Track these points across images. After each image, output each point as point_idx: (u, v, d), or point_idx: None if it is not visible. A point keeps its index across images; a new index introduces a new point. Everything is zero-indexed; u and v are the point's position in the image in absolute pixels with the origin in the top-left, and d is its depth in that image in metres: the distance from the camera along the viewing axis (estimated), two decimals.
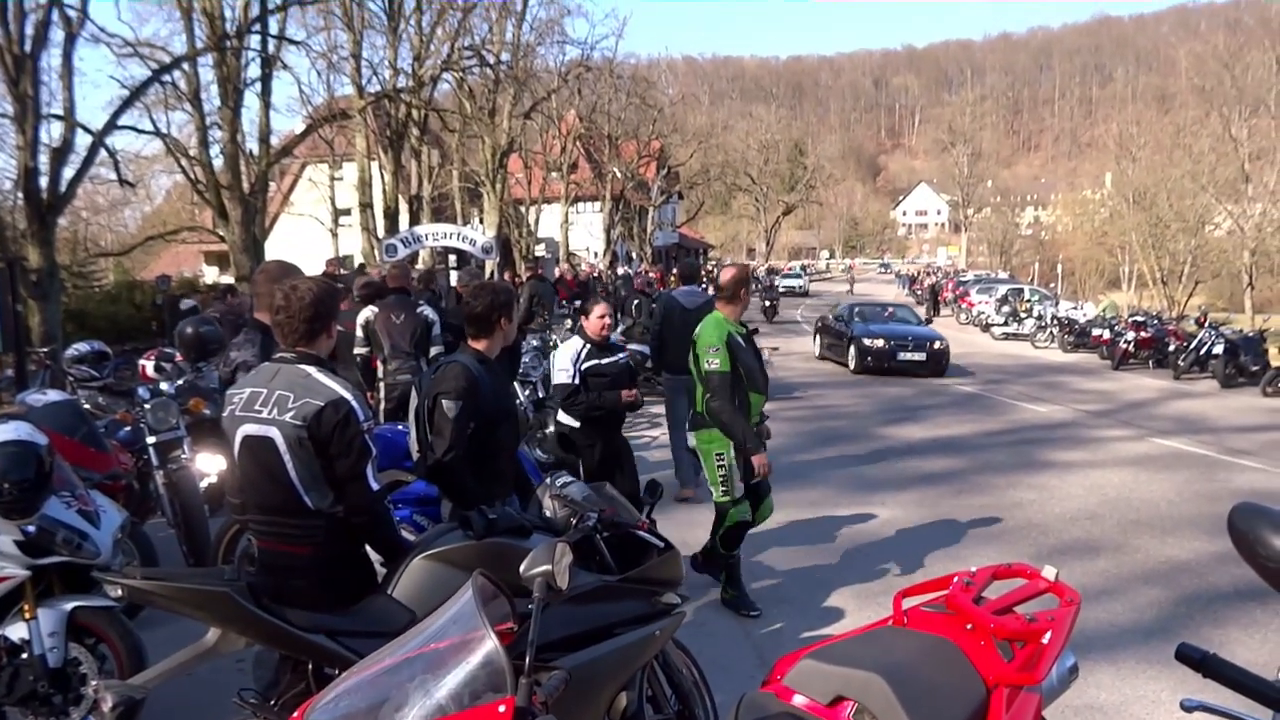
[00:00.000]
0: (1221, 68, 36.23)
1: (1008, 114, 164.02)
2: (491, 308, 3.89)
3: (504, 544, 3.10)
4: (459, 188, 30.13)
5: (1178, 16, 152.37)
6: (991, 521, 7.37)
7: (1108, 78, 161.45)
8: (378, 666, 1.68)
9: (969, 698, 2.26)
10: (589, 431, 5.88)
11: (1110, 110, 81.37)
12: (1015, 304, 28.91)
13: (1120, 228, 42.48)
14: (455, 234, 21.68)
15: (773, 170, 71.61)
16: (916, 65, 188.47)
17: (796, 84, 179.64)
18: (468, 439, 3.69)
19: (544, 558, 1.99)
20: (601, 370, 5.82)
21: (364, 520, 3.10)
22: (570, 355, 5.82)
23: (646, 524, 3.51)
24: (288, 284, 3.17)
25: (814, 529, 7.06)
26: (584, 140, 37.42)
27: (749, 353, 5.27)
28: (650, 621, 3.05)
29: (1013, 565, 2.81)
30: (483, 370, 3.80)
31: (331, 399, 2.96)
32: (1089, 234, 49.36)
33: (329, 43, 23.41)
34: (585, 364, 5.78)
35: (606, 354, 5.90)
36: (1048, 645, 2.39)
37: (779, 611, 5.30)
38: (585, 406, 5.76)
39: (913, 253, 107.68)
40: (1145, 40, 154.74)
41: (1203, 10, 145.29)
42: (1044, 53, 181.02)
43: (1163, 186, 37.76)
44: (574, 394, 5.76)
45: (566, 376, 5.76)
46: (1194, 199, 35.64)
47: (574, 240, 39.44)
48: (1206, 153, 35.63)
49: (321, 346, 3.14)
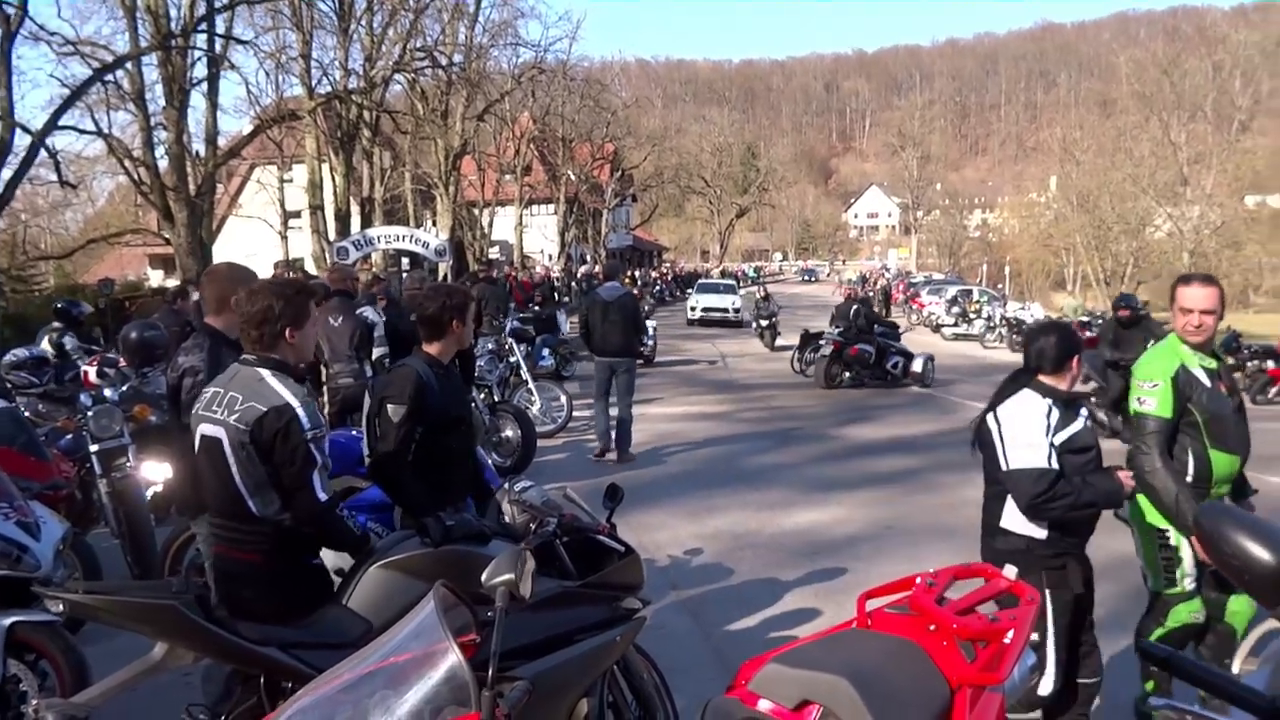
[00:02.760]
0: (1160, 74, 37.20)
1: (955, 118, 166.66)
2: (443, 310, 3.82)
3: (462, 551, 3.04)
4: (411, 190, 29.85)
5: (1119, 24, 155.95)
6: (946, 520, 7.44)
7: (1052, 83, 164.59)
8: (336, 682, 1.62)
9: (933, 699, 2.26)
10: (1059, 542, 3.59)
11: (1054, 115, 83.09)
12: (965, 305, 29.37)
13: (1065, 230, 43.41)
14: (408, 236, 21.43)
15: (726, 173, 72.13)
16: (867, 69, 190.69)
17: (749, 87, 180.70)
18: (418, 445, 3.63)
19: (506, 566, 1.95)
20: (1081, 443, 3.50)
21: (313, 530, 3.05)
22: (1037, 418, 3.42)
23: (607, 528, 3.47)
24: (255, 285, 3.11)
25: (774, 530, 7.07)
26: (538, 142, 37.31)
27: (1216, 395, 3.66)
28: (611, 627, 3.02)
29: (973, 565, 2.83)
30: (433, 374, 3.73)
31: (275, 405, 2.90)
32: (1035, 236, 50.35)
33: (277, 43, 23.04)
34: (1060, 434, 3.43)
35: (1074, 412, 3.58)
36: (1009, 645, 2.40)
37: (740, 613, 5.29)
38: (1067, 505, 3.40)
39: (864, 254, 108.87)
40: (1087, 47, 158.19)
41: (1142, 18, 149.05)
42: (990, 58, 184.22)
43: (1105, 189, 38.65)
44: (1055, 482, 3.34)
45: (1039, 456, 3.34)
46: (1135, 201, 36.53)
47: (529, 243, 39.30)
48: (1147, 157, 36.53)
49: (284, 350, 3.06)
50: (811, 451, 10.20)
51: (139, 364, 6.88)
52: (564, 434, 10.57)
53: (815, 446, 10.49)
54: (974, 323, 27.65)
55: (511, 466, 8.43)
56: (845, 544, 6.72)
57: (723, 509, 7.61)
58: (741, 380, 16.75)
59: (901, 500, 8.04)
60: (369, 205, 24.55)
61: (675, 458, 9.72)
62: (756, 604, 5.46)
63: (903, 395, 14.98)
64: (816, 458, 9.88)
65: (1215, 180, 33.99)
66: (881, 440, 10.89)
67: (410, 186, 29.70)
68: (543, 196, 40.17)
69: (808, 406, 13.59)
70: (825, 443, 10.75)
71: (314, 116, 21.94)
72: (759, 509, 7.64)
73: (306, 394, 3.05)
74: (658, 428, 11.31)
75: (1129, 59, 43.21)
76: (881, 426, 11.87)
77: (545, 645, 2.76)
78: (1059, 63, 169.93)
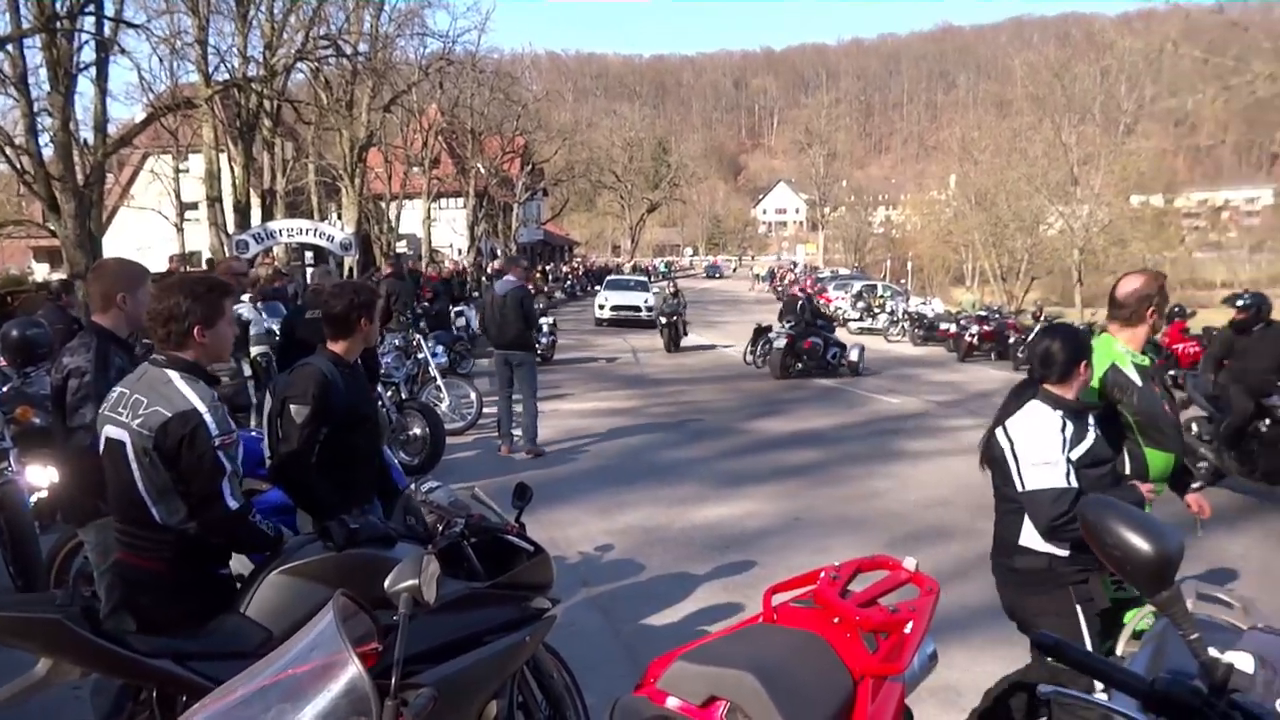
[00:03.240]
0: (1053, 78, 38.60)
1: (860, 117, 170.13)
2: (351, 308, 3.74)
3: (367, 555, 2.97)
4: (315, 182, 29.04)
5: (1014, 28, 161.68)
6: (852, 511, 7.62)
7: (951, 84, 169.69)
8: (232, 697, 1.56)
9: (837, 690, 2.31)
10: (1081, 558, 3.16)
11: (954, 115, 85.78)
12: (869, 300, 30.09)
13: (964, 227, 44.77)
14: (312, 230, 20.91)
15: (637, 168, 72.31)
16: (774, 67, 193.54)
17: (659, 83, 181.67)
18: (322, 445, 3.55)
19: (409, 571, 1.91)
20: (1096, 456, 3.29)
21: (224, 539, 2.96)
22: (1052, 434, 3.18)
23: (516, 528, 3.44)
24: (168, 281, 3.00)
25: (684, 525, 7.13)
26: (446, 135, 36.75)
27: (1148, 394, 3.62)
28: (521, 627, 3.01)
29: (876, 558, 2.90)
30: (338, 373, 3.65)
31: (181, 410, 2.79)
32: (935, 233, 51.78)
33: (172, 27, 22.11)
34: (1077, 448, 3.22)
35: (1085, 423, 3.35)
36: (910, 635, 2.47)
37: (649, 609, 5.32)
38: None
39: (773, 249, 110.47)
40: (985, 49, 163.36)
41: (1036, 23, 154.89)
42: (893, 58, 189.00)
43: (1001, 188, 39.99)
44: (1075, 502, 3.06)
45: (1056, 474, 3.11)
46: (1029, 200, 37.89)
47: (438, 237, 38.72)
48: (1040, 157, 37.90)
49: (194, 350, 2.95)
50: (721, 446, 10.32)
51: (21, 363, 6.53)
52: (474, 431, 10.46)
53: (725, 441, 10.61)
54: (878, 317, 28.38)
55: (419, 465, 8.32)
56: (754, 537, 6.82)
57: (633, 504, 7.64)
58: (652, 375, 16.83)
59: (809, 493, 8.20)
60: (270, 197, 23.82)
61: (585, 454, 9.71)
62: (667, 599, 5.49)
63: (809, 389, 15.26)
64: (726, 452, 9.99)
65: (1103, 180, 35.48)
66: (789, 434, 11.09)
67: (314, 178, 28.89)
68: (452, 190, 39.61)
69: (717, 401, 13.74)
70: (734, 437, 10.88)
71: (211, 105, 21.14)
72: (669, 504, 7.69)
73: (215, 398, 2.94)
74: (568, 423, 11.29)
75: (1023, 62, 44.77)
76: (789, 420, 12.08)
77: (453, 648, 2.72)
78: (958, 64, 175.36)
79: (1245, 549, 6.69)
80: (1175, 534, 1.52)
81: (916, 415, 12.84)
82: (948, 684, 4.35)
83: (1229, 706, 1.42)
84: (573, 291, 45.22)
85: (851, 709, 2.31)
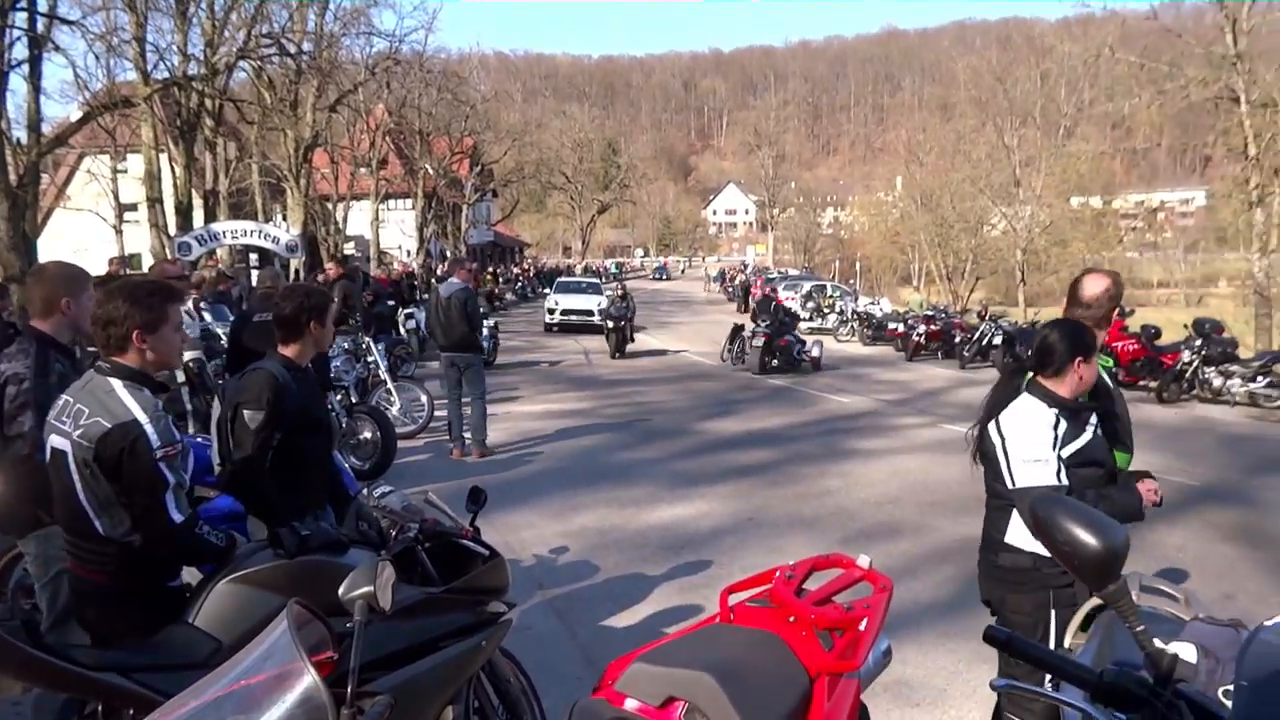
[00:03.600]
0: (995, 81, 39.35)
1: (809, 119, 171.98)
2: (300, 311, 3.68)
3: (319, 561, 2.93)
4: (259, 183, 28.58)
5: (957, 32, 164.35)
6: (805, 510, 7.69)
7: (897, 87, 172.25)
8: (182, 709, 1.53)
9: (793, 688, 2.33)
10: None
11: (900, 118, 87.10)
12: (819, 300, 30.39)
13: (910, 227, 45.43)
14: (257, 231, 20.59)
15: (587, 169, 72.34)
16: (723, 69, 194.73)
17: (609, 84, 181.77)
18: (275, 451, 3.50)
19: (364, 578, 1.90)
20: (1090, 455, 3.23)
21: (168, 553, 2.90)
22: (1043, 431, 3.12)
23: (470, 532, 3.41)
24: (113, 285, 2.93)
25: (639, 526, 7.13)
26: (394, 135, 36.41)
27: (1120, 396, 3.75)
28: (476, 632, 2.99)
29: (830, 556, 2.93)
30: (290, 378, 3.59)
31: (122, 421, 2.72)
32: (883, 233, 52.48)
33: (108, 24, 21.55)
34: (1069, 446, 3.16)
35: (1083, 422, 3.27)
36: (864, 632, 2.50)
37: (605, 611, 5.32)
38: None
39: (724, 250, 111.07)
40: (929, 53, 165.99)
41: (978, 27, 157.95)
42: (840, 61, 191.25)
43: (946, 190, 40.67)
44: None
45: (1047, 472, 3.05)
46: (973, 201, 38.57)
47: (386, 238, 38.32)
48: (983, 159, 38.63)
49: (135, 356, 2.88)
50: (674, 446, 10.35)
51: None
52: (425, 434, 10.37)
53: (678, 441, 10.64)
54: (828, 317, 28.66)
55: (370, 470, 8.22)
56: (709, 537, 6.85)
57: (588, 506, 7.63)
58: (605, 376, 16.83)
59: (762, 493, 8.25)
60: (213, 198, 23.41)
61: (539, 456, 9.68)
62: (623, 601, 5.49)
63: (761, 389, 15.39)
64: (679, 453, 10.03)
65: (1044, 182, 36.28)
66: (742, 434, 11.16)
67: (258, 179, 28.43)
68: (400, 191, 39.25)
69: (670, 401, 13.78)
70: (688, 437, 10.92)
71: (150, 104, 20.68)
72: (624, 505, 7.69)
73: (159, 408, 2.87)
74: (520, 426, 11.24)
75: (966, 66, 45.56)
76: (742, 420, 12.15)
77: (408, 655, 2.70)
78: (903, 67, 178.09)
79: (1183, 540, 6.88)
80: (1121, 530, 1.57)
81: (866, 414, 13.00)
82: (901, 679, 4.42)
83: (1174, 696, 1.46)
84: (524, 293, 45.08)
85: (808, 707, 2.34)
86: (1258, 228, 20.65)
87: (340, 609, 1.93)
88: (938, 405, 13.89)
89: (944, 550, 6.62)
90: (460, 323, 9.43)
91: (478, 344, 9.99)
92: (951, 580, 5.97)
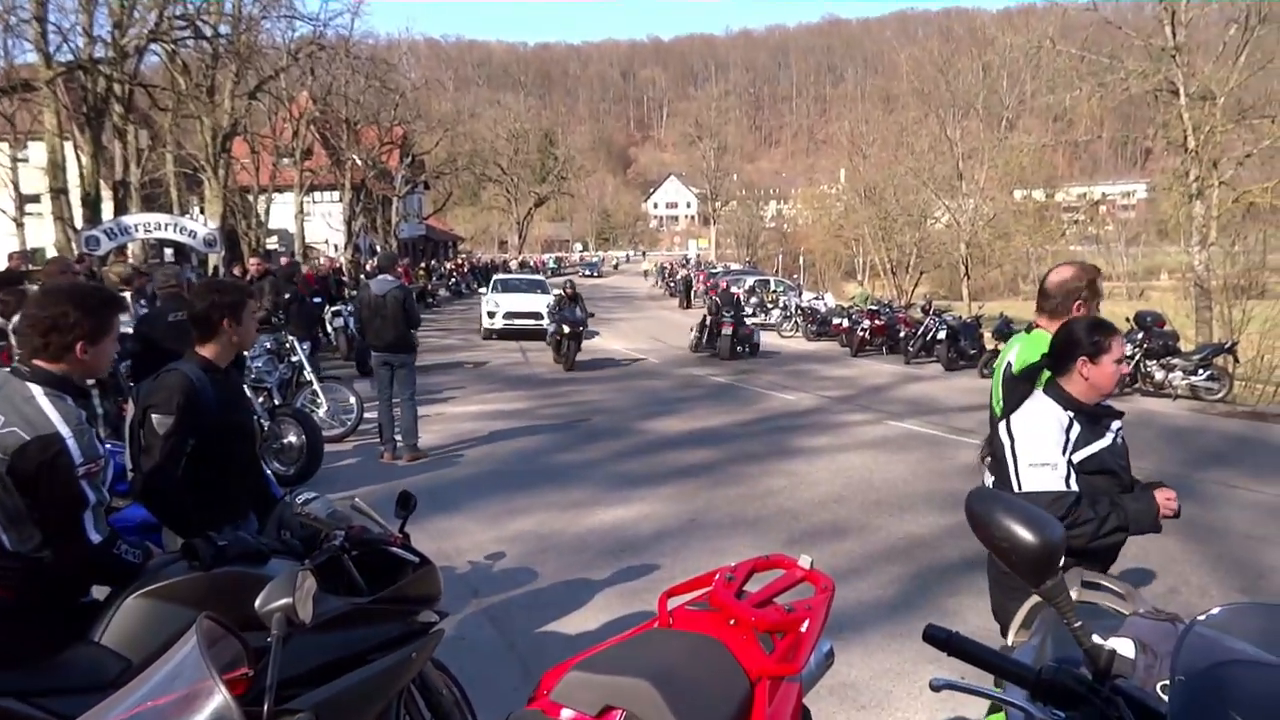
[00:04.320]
0: (937, 73, 40.12)
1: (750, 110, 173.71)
2: (212, 308, 3.58)
3: (237, 573, 2.86)
4: (175, 173, 27.84)
5: (899, 22, 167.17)
6: (748, 510, 7.75)
7: (839, 77, 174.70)
8: None
9: (733, 693, 2.34)
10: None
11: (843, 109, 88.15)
12: (762, 295, 30.66)
13: (854, 221, 46.15)
14: (172, 225, 20.07)
15: (523, 160, 71.94)
16: (663, 58, 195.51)
17: (545, 72, 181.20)
18: (192, 457, 3.40)
19: (283, 589, 1.86)
20: (1104, 463, 3.15)
21: (80, 575, 2.80)
22: (1053, 433, 3.05)
23: (400, 538, 3.37)
24: (52, 286, 2.82)
25: (579, 530, 7.12)
26: (319, 124, 35.73)
27: None
28: (406, 643, 2.95)
29: (771, 557, 2.95)
30: (207, 379, 3.50)
31: (42, 434, 2.63)
32: (827, 227, 53.17)
33: (5, 3, 20.83)
34: (1080, 451, 3.08)
35: (1103, 427, 3.20)
36: (805, 634, 2.52)
37: (543, 618, 5.29)
38: (1089, 534, 2.99)
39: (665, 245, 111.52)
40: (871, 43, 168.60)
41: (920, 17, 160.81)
42: (781, 50, 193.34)
43: (889, 182, 41.38)
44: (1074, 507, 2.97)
45: (1055, 477, 3.00)
46: (917, 194, 39.31)
47: (312, 232, 37.65)
48: (926, 151, 39.35)
49: (71, 364, 2.77)
50: (616, 447, 10.35)
51: None
52: (354, 437, 10.22)
53: (619, 442, 10.65)
54: (771, 313, 28.93)
55: (295, 476, 8.09)
56: (651, 540, 6.86)
57: (525, 510, 7.59)
58: (543, 375, 16.77)
59: (705, 493, 8.29)
60: (123, 190, 22.72)
61: (473, 458, 9.60)
62: (562, 608, 5.47)
63: (704, 386, 15.48)
64: (621, 453, 10.03)
65: (987, 175, 37.03)
66: (684, 433, 11.20)
67: (173, 169, 27.69)
68: (326, 182, 38.52)
69: (610, 400, 13.78)
70: (629, 437, 10.93)
71: (53, 88, 20.02)
72: (563, 508, 7.67)
73: (83, 419, 2.78)
74: (454, 427, 11.14)
75: (909, 57, 46.41)
76: (684, 419, 12.20)
77: (333, 669, 2.65)
78: (846, 58, 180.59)
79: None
80: (1058, 525, 1.60)
81: (811, 411, 13.16)
82: (845, 681, 4.47)
83: (1112, 692, 1.50)
84: (458, 289, 44.70)
85: (749, 711, 2.35)
86: (1197, 220, 21.33)
87: (261, 623, 1.88)
88: (882, 401, 14.11)
89: (889, 549, 6.73)
90: (397, 321, 9.33)
91: (414, 343, 9.89)
92: (897, 580, 6.07)
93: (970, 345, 19.09)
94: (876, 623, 5.28)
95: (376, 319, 9.39)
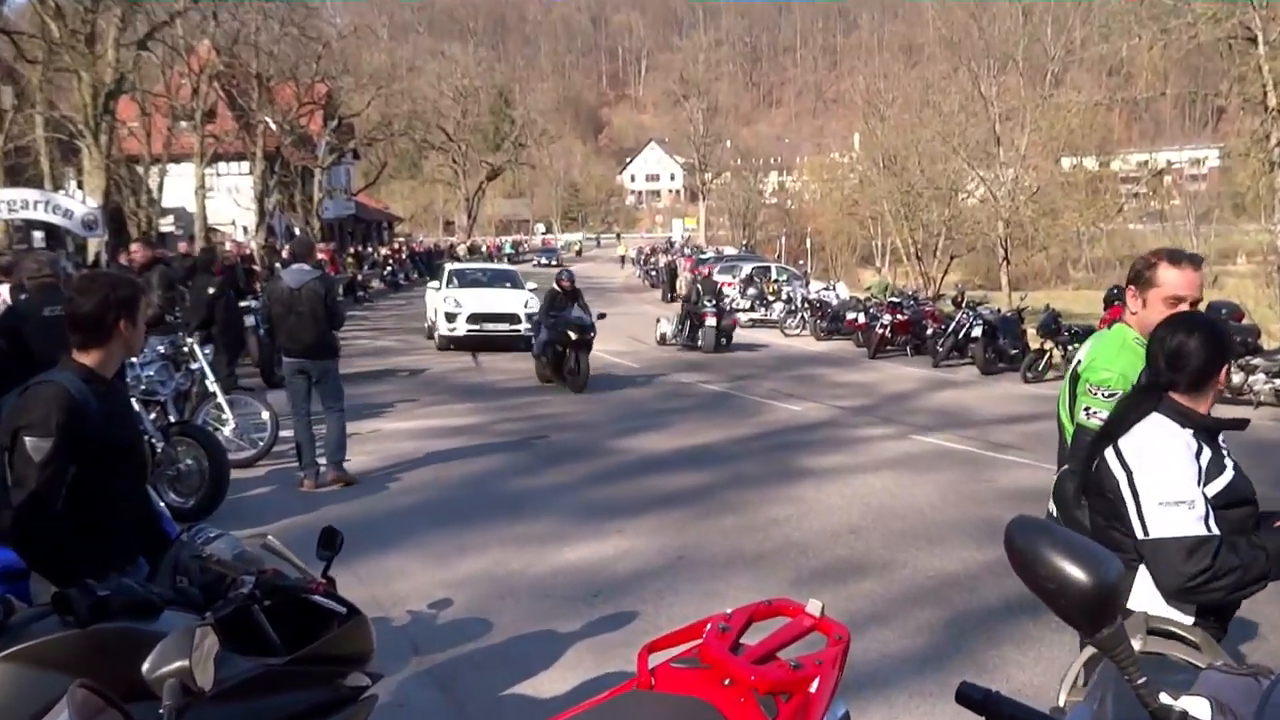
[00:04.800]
0: (969, 18, 40.31)
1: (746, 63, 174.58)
2: (105, 307, 3.52)
3: (120, 630, 2.82)
4: (45, 139, 27.64)
5: None
6: (747, 545, 7.76)
7: (852, 25, 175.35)
8: None
9: None
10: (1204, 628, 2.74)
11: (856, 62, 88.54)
12: (762, 285, 30.71)
13: (871, 195, 46.31)
14: (43, 203, 19.95)
15: (473, 124, 71.86)
16: (641, 2, 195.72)
17: (499, 19, 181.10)
18: (69, 488, 3.36)
19: (177, 650, 1.84)
20: (1239, 492, 3.00)
21: None
22: (1185, 464, 2.87)
23: (323, 584, 3.35)
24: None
25: (542, 570, 7.10)
26: (224, 80, 35.62)
27: None
28: (332, 712, 2.94)
29: (774, 602, 2.93)
30: (90, 393, 3.45)
31: None
32: (838, 203, 53.39)
33: None
34: (1215, 482, 2.92)
35: (1219, 445, 3.07)
36: (815, 695, 2.51)
37: (499, 680, 5.28)
38: (1233, 584, 2.80)
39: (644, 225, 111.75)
40: None
41: None
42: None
43: (913, 149, 41.52)
44: (1217, 554, 2.77)
45: (1192, 519, 2.80)
46: (946, 163, 39.43)
47: (216, 211, 37.45)
48: (956, 112, 39.46)
49: None
50: (586, 469, 10.35)
51: None
52: (267, 460, 10.16)
53: (591, 463, 10.65)
54: (773, 306, 29.00)
55: (194, 509, 8.03)
56: (629, 582, 6.86)
57: (477, 547, 7.57)
58: (498, 384, 16.75)
59: (694, 525, 8.30)
60: None
61: (413, 484, 9.58)
62: (521, 667, 5.45)
63: (693, 396, 15.51)
64: (593, 477, 10.03)
65: (1029, 140, 37.22)
66: (670, 452, 11.21)
67: (44, 134, 27.49)
68: (233, 151, 38.39)
69: (579, 413, 13.78)
70: (603, 458, 10.93)
71: None
72: (523, 544, 7.65)
73: None
74: (391, 447, 11.10)
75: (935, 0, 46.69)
76: (669, 435, 12.22)
77: None
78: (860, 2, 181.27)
79: None
80: (1116, 563, 1.58)
81: (821, 424, 13.21)
82: None
83: None
84: (394, 280, 44.57)
85: None
86: None
87: (149, 691, 1.87)
88: (906, 412, 14.18)
89: (916, 590, 6.75)
90: (315, 320, 9.26)
91: (336, 346, 9.84)
92: (926, 627, 6.09)
93: (1011, 344, 19.23)
94: (902, 678, 5.29)
95: (290, 317, 9.27)
